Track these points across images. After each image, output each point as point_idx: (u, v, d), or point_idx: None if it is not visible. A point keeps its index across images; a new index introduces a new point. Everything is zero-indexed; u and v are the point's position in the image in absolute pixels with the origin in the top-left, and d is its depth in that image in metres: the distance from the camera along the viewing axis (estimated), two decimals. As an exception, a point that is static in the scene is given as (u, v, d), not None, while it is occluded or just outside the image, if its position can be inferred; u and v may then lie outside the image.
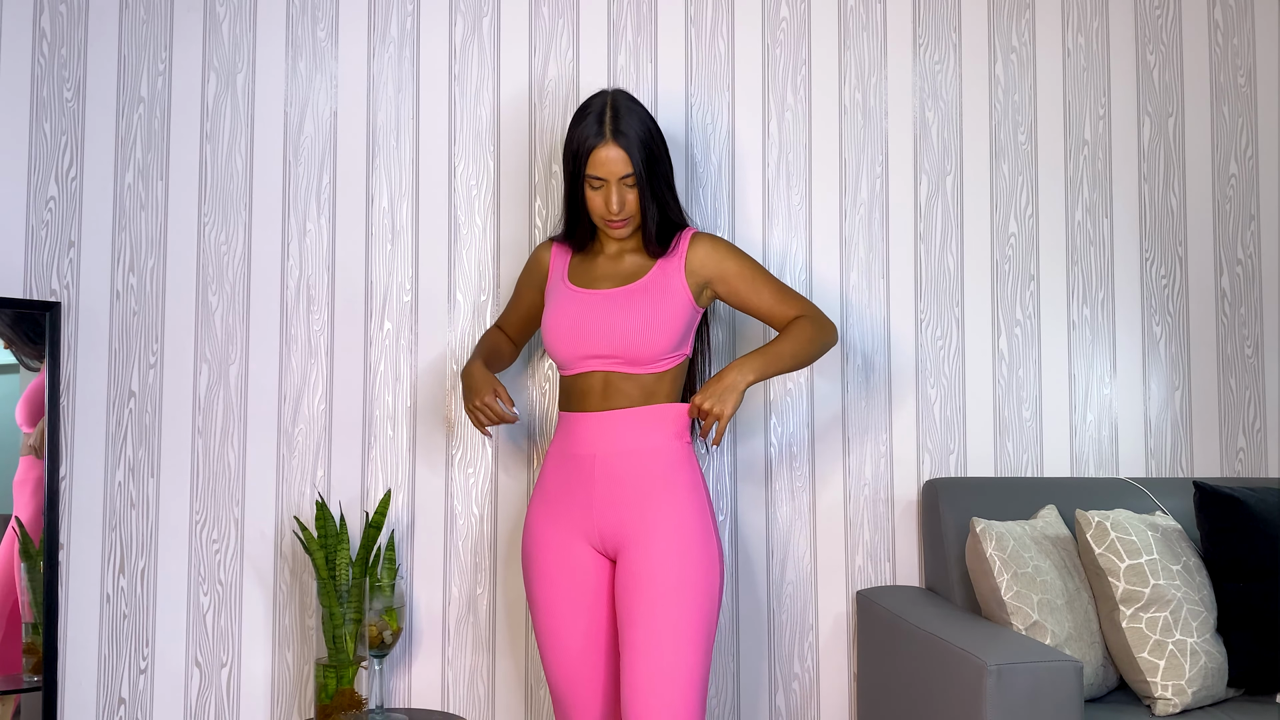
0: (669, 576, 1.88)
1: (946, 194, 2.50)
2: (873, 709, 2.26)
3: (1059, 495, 2.34)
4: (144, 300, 2.31)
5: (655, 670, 1.82)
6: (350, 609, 2.11)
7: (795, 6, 2.49)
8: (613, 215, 1.99)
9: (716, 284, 2.06)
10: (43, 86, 2.30)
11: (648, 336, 1.95)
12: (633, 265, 2.05)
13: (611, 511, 1.94)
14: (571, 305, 2.01)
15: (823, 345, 2.05)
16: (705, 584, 1.91)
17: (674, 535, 1.91)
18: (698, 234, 2.08)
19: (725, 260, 2.05)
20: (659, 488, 1.94)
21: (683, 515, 1.93)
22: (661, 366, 1.99)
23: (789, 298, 2.08)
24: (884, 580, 2.43)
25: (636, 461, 1.95)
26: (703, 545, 1.93)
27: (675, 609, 1.86)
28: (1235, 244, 2.59)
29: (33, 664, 2.17)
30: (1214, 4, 2.62)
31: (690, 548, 1.91)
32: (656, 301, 1.98)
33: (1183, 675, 2.01)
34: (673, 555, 1.89)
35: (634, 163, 1.96)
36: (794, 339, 2.01)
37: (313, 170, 2.38)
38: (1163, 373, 2.54)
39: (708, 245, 2.05)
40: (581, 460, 1.97)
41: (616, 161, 1.96)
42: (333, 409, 2.35)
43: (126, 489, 2.28)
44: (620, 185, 1.98)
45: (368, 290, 2.37)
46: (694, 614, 1.87)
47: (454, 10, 2.43)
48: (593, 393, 1.99)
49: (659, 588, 1.87)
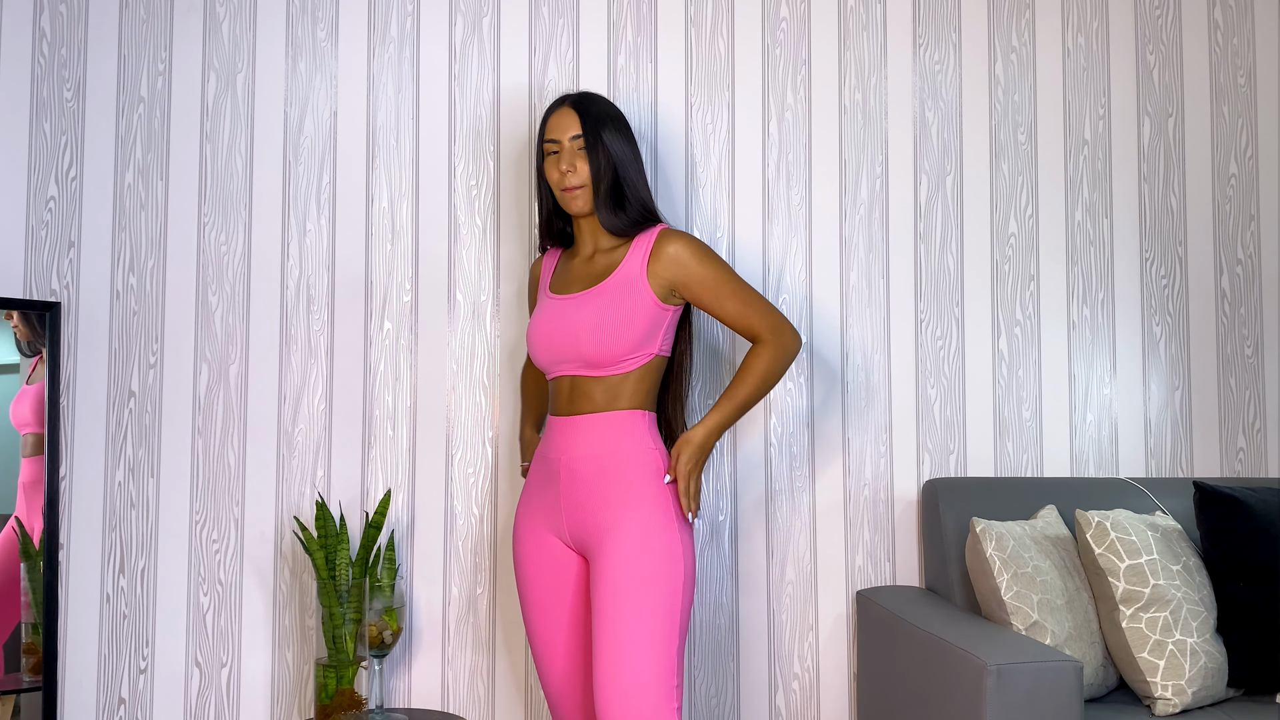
0: (625, 578, 1.87)
1: (946, 194, 2.50)
2: (873, 709, 2.26)
3: (1059, 495, 2.34)
4: (144, 300, 2.31)
5: (616, 669, 1.82)
6: (350, 609, 2.11)
7: (795, 6, 2.49)
8: (563, 177, 2.01)
9: (681, 289, 2.01)
10: (43, 86, 2.30)
11: (600, 339, 1.95)
12: (600, 267, 2.04)
13: (578, 513, 1.96)
14: (546, 313, 2.04)
15: (783, 368, 2.03)
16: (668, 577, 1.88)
17: (631, 537, 1.90)
18: (665, 231, 2.02)
19: (690, 265, 1.99)
20: (618, 491, 1.93)
21: (641, 517, 1.91)
22: (626, 367, 1.97)
23: (752, 307, 2.01)
24: (884, 580, 2.43)
25: (596, 465, 1.95)
26: (663, 546, 1.90)
27: (632, 608, 1.85)
28: (1235, 244, 2.59)
29: (33, 664, 2.17)
30: (1214, 4, 2.62)
31: (648, 549, 1.89)
32: (613, 303, 1.97)
33: (1183, 675, 2.01)
34: (629, 557, 1.88)
35: (584, 124, 2.00)
36: (752, 381, 1.99)
37: (313, 170, 2.38)
38: (1163, 373, 2.54)
39: (674, 247, 1.99)
40: (552, 463, 2.00)
41: (568, 122, 2.02)
42: (333, 409, 2.35)
43: (126, 489, 2.28)
44: (571, 147, 2.01)
45: (368, 290, 2.37)
46: (657, 609, 1.85)
47: (454, 10, 2.43)
48: (561, 396, 2.02)
49: (616, 589, 1.86)
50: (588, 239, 2.08)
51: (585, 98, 2.06)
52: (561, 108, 2.05)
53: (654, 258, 1.99)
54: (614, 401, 1.98)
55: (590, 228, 2.07)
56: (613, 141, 2.02)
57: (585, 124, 2.01)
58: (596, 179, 2.00)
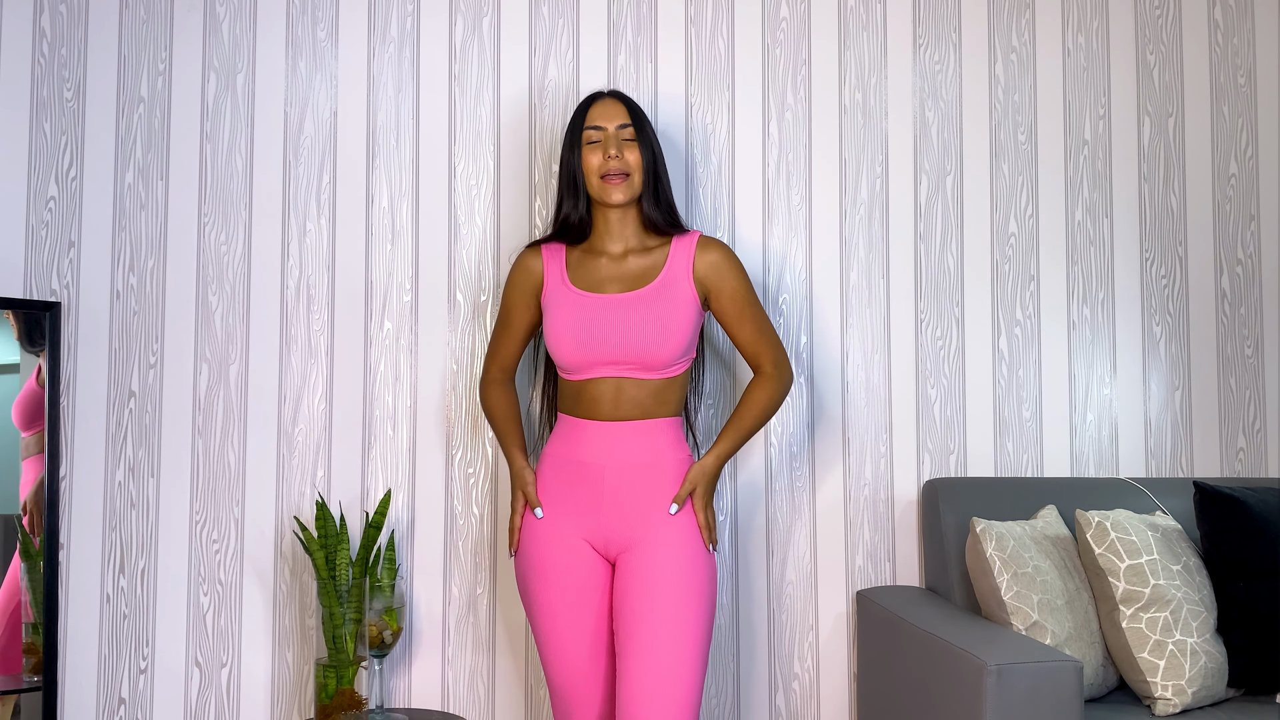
0: (670, 581, 1.89)
1: (946, 194, 2.50)
2: (873, 709, 2.26)
3: (1059, 495, 2.34)
4: (144, 300, 2.31)
5: (656, 673, 1.83)
6: (350, 609, 2.11)
7: (795, 6, 2.49)
8: (607, 162, 2.00)
9: (713, 298, 2.06)
10: (43, 86, 2.30)
11: (663, 340, 1.95)
12: (638, 268, 2.03)
13: (620, 520, 1.95)
14: (579, 310, 1.98)
15: (780, 403, 2.10)
16: (705, 590, 1.93)
17: (676, 542, 1.93)
18: (705, 238, 2.07)
19: (728, 276, 2.05)
20: (662, 500, 1.96)
21: (685, 523, 1.96)
22: (674, 371, 1.99)
23: (765, 335, 2.08)
24: (884, 580, 2.43)
25: (646, 475, 1.96)
26: (703, 553, 1.96)
27: (675, 613, 1.87)
28: (1235, 244, 2.59)
29: (33, 664, 2.17)
30: (1214, 4, 2.62)
31: (691, 555, 1.94)
32: (669, 305, 1.98)
33: (1183, 675, 2.01)
34: (674, 561, 1.91)
35: (632, 115, 2.04)
36: (756, 412, 2.06)
37: (313, 170, 2.38)
38: (1163, 373, 2.54)
39: (716, 254, 2.05)
40: (589, 468, 1.97)
41: (613, 111, 2.04)
42: (333, 409, 2.35)
43: (126, 489, 2.28)
44: (618, 135, 2.02)
45: (368, 290, 2.37)
46: (694, 619, 1.88)
47: (454, 10, 2.43)
48: (603, 400, 1.98)
49: (661, 592, 1.88)
50: (616, 235, 2.05)
51: (625, 96, 2.10)
52: (605, 98, 2.07)
53: (698, 261, 2.03)
54: (661, 407, 1.99)
55: (621, 222, 2.05)
56: (652, 137, 2.07)
57: (633, 114, 2.04)
58: (646, 169, 2.02)
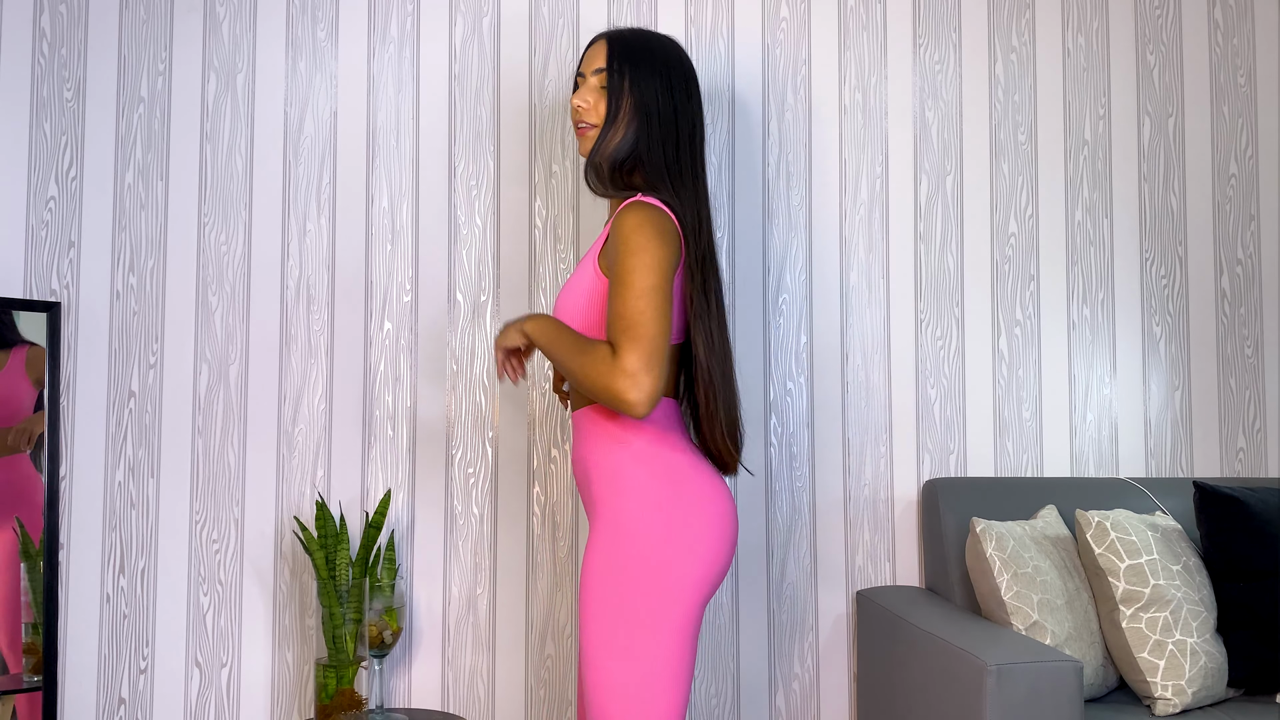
0: (586, 591, 1.69)
1: (946, 194, 2.50)
2: (873, 709, 2.26)
3: (1059, 495, 2.34)
4: (144, 300, 2.31)
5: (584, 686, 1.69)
6: (350, 609, 2.11)
7: (795, 6, 2.49)
8: (574, 111, 1.80)
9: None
10: (43, 86, 2.30)
11: (559, 316, 1.78)
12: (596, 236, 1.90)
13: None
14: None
15: (584, 376, 1.62)
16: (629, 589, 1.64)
17: (595, 548, 1.69)
18: (632, 204, 1.70)
19: (617, 246, 1.65)
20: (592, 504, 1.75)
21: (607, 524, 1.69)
22: None
23: (616, 326, 1.60)
24: (884, 580, 2.43)
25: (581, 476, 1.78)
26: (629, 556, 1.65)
27: (590, 620, 1.67)
28: (1235, 244, 2.59)
29: (33, 664, 2.17)
30: (1214, 4, 2.62)
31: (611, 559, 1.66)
32: (574, 280, 1.77)
33: (1183, 675, 2.01)
34: (591, 570, 1.68)
35: (610, 59, 1.77)
36: (579, 344, 1.66)
37: (313, 170, 2.38)
38: (1163, 373, 2.54)
39: (620, 219, 1.66)
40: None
41: (594, 54, 1.81)
42: (333, 409, 2.35)
43: (126, 489, 2.28)
44: (594, 82, 1.80)
45: (368, 290, 2.37)
46: (612, 625, 1.64)
47: (454, 10, 2.43)
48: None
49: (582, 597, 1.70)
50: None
51: (630, 32, 1.81)
52: (597, 41, 1.83)
53: (610, 232, 1.70)
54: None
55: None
56: (645, 85, 1.77)
57: (612, 59, 1.77)
58: (607, 122, 1.77)
